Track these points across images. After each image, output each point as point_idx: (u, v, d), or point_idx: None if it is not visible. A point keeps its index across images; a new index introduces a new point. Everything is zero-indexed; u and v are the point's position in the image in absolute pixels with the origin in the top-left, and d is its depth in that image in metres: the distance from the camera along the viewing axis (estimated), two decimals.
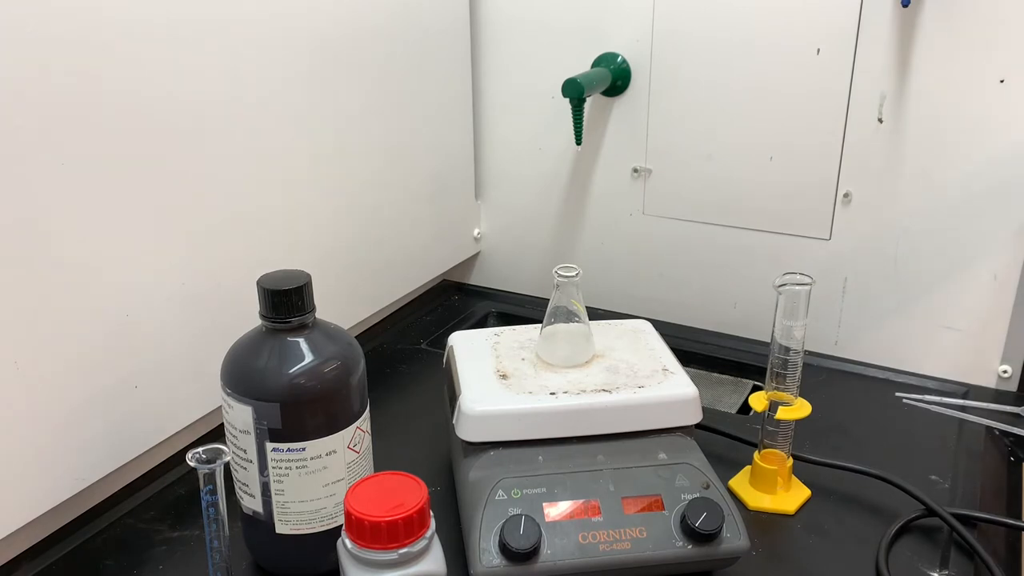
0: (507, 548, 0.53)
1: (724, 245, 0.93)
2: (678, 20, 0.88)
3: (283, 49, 0.73)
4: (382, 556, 0.46)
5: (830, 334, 0.90)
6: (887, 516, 0.64)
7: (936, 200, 0.82)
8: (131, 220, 0.63)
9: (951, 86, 0.78)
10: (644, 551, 0.55)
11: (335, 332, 0.57)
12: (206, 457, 0.47)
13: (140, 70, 0.61)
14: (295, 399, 0.53)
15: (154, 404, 0.67)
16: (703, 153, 0.91)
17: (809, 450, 0.69)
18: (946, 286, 0.84)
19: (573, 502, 0.56)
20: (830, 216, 0.87)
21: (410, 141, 0.92)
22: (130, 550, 0.62)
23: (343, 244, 0.85)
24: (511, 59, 0.99)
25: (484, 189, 1.07)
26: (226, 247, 0.71)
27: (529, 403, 0.59)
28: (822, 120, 0.84)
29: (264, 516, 0.56)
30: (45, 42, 0.55)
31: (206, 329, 0.69)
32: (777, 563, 0.61)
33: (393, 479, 0.48)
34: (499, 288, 1.09)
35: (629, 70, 0.92)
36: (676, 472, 0.58)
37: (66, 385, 0.60)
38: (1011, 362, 0.82)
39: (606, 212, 0.99)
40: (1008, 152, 0.78)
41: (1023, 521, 0.66)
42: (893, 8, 0.78)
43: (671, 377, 0.62)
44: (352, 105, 0.83)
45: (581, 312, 0.64)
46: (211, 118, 0.67)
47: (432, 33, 0.92)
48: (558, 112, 0.96)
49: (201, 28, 0.65)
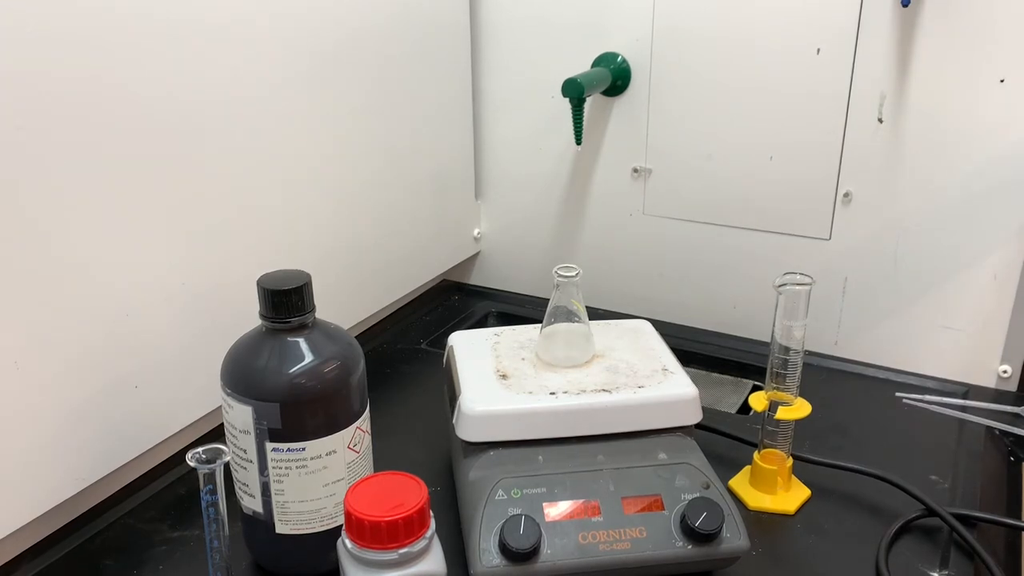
0: (507, 548, 0.53)
1: (724, 245, 0.93)
2: (678, 20, 0.88)
3: (283, 49, 0.73)
4: (382, 556, 0.46)
5: (830, 334, 0.90)
6: (887, 516, 0.64)
7: (936, 200, 0.82)
8: (131, 220, 0.63)
9: (951, 86, 0.78)
10: (644, 551, 0.55)
11: (335, 332, 0.57)
12: (206, 457, 0.47)
13: (140, 70, 0.61)
14: (295, 399, 0.53)
15: (154, 404, 0.67)
16: (703, 153, 0.91)
17: (809, 450, 0.69)
18: (946, 286, 0.84)
19: (573, 502, 0.56)
20: (830, 216, 0.87)
21: (410, 141, 0.92)
22: (130, 550, 0.62)
23: (343, 244, 0.85)
24: (511, 59, 0.99)
25: (484, 189, 1.07)
26: (226, 247, 0.71)
27: (529, 403, 0.59)
28: (822, 120, 0.84)
29: (264, 516, 0.56)
30: (45, 42, 0.55)
31: (206, 329, 0.69)
32: (777, 563, 0.61)
33: (393, 479, 0.48)
34: (499, 288, 1.09)
35: (629, 70, 0.92)
36: (676, 472, 0.58)
37: (66, 385, 0.60)
38: (1011, 362, 0.82)
39: (606, 212, 0.99)
40: (1008, 152, 0.78)
41: (1023, 521, 0.66)
42: (893, 8, 0.78)
43: (671, 377, 0.62)
44: (352, 105, 0.83)
45: (581, 312, 0.64)
46: (211, 118, 0.67)
47: (432, 33, 0.92)
48: (558, 112, 0.96)
49: (201, 28, 0.65)
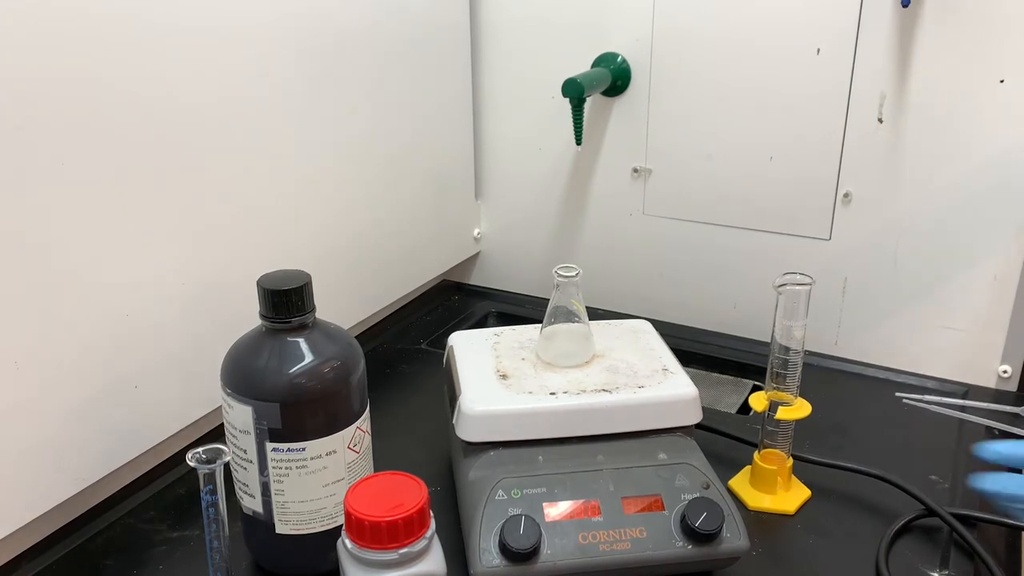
0: (507, 548, 0.53)
1: (724, 245, 0.93)
2: (678, 20, 0.88)
3: (283, 49, 0.73)
4: (382, 556, 0.46)
5: (830, 334, 0.90)
6: (887, 516, 0.64)
7: (936, 200, 0.82)
8: (131, 220, 0.63)
9: (951, 86, 0.78)
10: (644, 551, 0.55)
11: (335, 332, 0.57)
12: (206, 457, 0.47)
13: (140, 71, 0.61)
14: (295, 399, 0.53)
15: (154, 404, 0.67)
16: (703, 153, 0.91)
17: (809, 450, 0.69)
18: (946, 286, 0.84)
19: (573, 502, 0.56)
20: (830, 216, 0.87)
21: (410, 141, 0.92)
22: (130, 550, 0.62)
23: (343, 244, 0.85)
24: (511, 59, 0.99)
25: (484, 189, 1.07)
26: (226, 247, 0.71)
27: (529, 403, 0.59)
28: (822, 120, 0.84)
29: (264, 516, 0.56)
30: (46, 43, 0.55)
31: (206, 329, 0.69)
32: (777, 563, 0.61)
33: (393, 479, 0.48)
34: (499, 288, 1.09)
35: (629, 70, 0.92)
36: (676, 472, 0.58)
37: (66, 385, 0.60)
38: (1011, 362, 0.82)
39: (606, 212, 0.99)
40: (1008, 152, 0.78)
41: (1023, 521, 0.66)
42: (893, 8, 0.78)
43: (671, 377, 0.62)
44: (352, 105, 0.83)
45: (581, 312, 0.64)
46: (211, 118, 0.67)
47: (432, 32, 0.92)
48: (558, 112, 0.96)
49: (201, 28, 0.65)
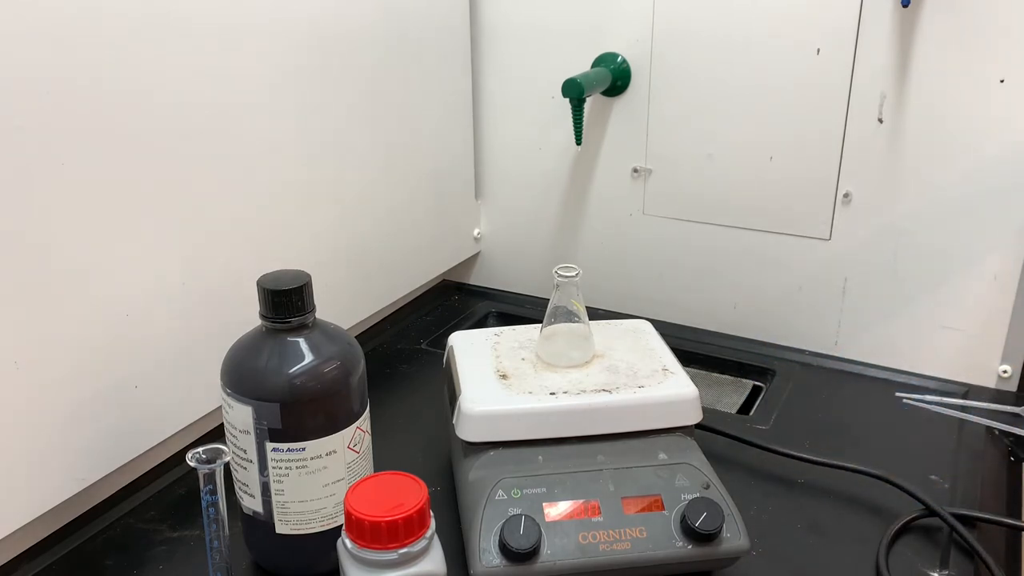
0: (507, 548, 0.53)
1: (724, 245, 0.93)
2: (678, 20, 0.88)
3: (284, 50, 0.73)
4: (382, 556, 0.46)
5: (830, 334, 0.90)
6: (887, 516, 0.64)
7: (936, 200, 0.82)
8: (131, 220, 0.63)
9: (951, 86, 0.78)
10: (644, 551, 0.55)
11: (335, 332, 0.57)
12: (206, 457, 0.47)
13: (140, 71, 0.61)
14: (295, 399, 0.53)
15: (154, 404, 0.67)
16: (703, 153, 0.91)
17: (809, 450, 0.69)
18: (946, 286, 0.84)
19: (573, 502, 0.56)
20: (830, 216, 0.87)
21: (410, 141, 0.92)
22: (130, 550, 0.62)
23: (343, 244, 0.85)
24: (511, 59, 0.99)
25: (484, 189, 1.07)
26: (226, 247, 0.71)
27: (529, 403, 0.59)
28: (822, 120, 0.84)
29: (264, 516, 0.56)
30: (45, 43, 0.55)
31: (206, 329, 0.69)
32: (777, 563, 0.61)
33: (393, 479, 0.48)
34: (499, 288, 1.09)
35: (629, 70, 0.92)
36: (676, 472, 0.58)
37: (66, 385, 0.60)
38: (1011, 362, 0.82)
39: (606, 212, 0.99)
40: (1008, 152, 0.78)
41: (1023, 521, 0.66)
42: (893, 8, 0.78)
43: (671, 377, 0.62)
44: (352, 105, 0.83)
45: (581, 312, 0.64)
46: (212, 119, 0.67)
47: (432, 32, 0.92)
48: (558, 112, 0.96)
49: (201, 28, 0.65)
